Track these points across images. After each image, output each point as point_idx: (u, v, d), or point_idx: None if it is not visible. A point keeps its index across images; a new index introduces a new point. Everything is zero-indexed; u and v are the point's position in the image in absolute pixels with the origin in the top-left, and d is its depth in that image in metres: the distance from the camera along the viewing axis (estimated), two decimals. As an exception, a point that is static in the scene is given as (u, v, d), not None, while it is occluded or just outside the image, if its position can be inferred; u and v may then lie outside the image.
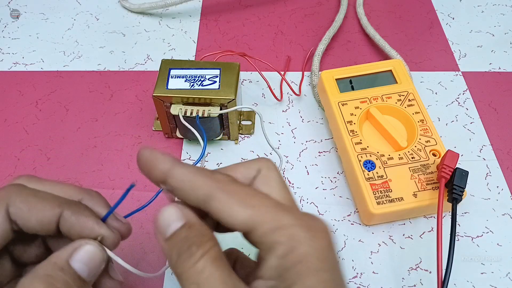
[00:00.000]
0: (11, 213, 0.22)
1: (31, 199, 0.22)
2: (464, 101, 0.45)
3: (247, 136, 0.42)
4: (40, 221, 0.22)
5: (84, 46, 0.50)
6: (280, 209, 0.21)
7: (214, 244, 0.20)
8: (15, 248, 0.24)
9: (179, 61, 0.39)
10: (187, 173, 0.21)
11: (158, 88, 0.37)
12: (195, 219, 0.21)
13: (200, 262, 0.19)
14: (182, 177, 0.21)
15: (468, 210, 0.37)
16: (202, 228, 0.21)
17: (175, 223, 0.21)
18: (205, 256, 0.20)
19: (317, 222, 0.21)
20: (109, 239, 0.23)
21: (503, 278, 0.34)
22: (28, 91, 0.46)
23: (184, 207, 0.21)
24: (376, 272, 0.34)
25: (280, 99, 0.44)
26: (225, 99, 0.36)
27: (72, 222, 0.22)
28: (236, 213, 0.20)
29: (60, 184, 0.25)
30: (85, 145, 0.41)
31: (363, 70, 0.41)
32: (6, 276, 0.24)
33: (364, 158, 0.36)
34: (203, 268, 0.19)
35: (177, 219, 0.21)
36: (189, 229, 0.21)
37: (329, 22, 0.51)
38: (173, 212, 0.21)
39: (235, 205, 0.20)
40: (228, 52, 0.42)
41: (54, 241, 0.25)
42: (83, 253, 0.21)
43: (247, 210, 0.20)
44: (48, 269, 0.20)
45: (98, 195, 0.25)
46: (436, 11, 0.54)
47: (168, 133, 0.41)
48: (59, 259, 0.21)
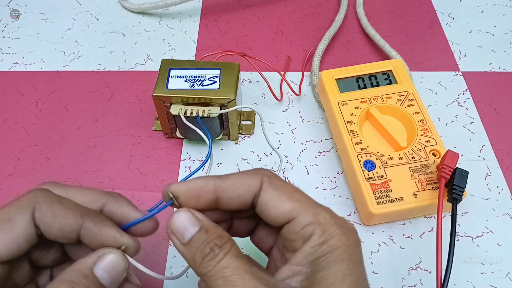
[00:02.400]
0: (36, 218, 0.22)
1: (56, 206, 0.23)
2: (464, 101, 0.45)
3: (247, 136, 0.42)
4: (62, 229, 0.22)
5: (84, 46, 0.50)
6: (317, 206, 0.23)
7: (233, 243, 0.22)
8: (34, 252, 0.24)
9: (179, 61, 0.39)
10: (235, 179, 0.24)
11: (158, 88, 0.36)
12: (209, 222, 0.23)
13: (224, 260, 0.21)
14: (232, 185, 0.23)
15: (468, 210, 0.37)
16: (218, 230, 0.22)
17: (191, 228, 0.22)
18: (228, 254, 0.21)
19: (348, 223, 0.24)
20: (131, 248, 0.24)
21: (503, 278, 0.34)
22: (28, 91, 0.46)
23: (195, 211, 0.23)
24: (376, 272, 0.34)
25: (280, 99, 0.44)
26: (225, 99, 0.36)
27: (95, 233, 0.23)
28: (282, 204, 0.23)
29: (83, 190, 0.25)
30: (85, 145, 0.41)
31: (363, 70, 0.41)
32: (23, 279, 0.24)
33: (364, 158, 0.36)
34: (228, 264, 0.21)
35: (192, 224, 0.22)
36: (206, 233, 0.22)
37: (329, 22, 0.52)
38: (187, 217, 0.22)
39: (282, 197, 0.23)
40: (228, 52, 0.42)
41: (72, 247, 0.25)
42: (106, 261, 0.22)
43: (292, 203, 0.23)
44: (73, 275, 0.21)
45: (121, 196, 0.26)
46: (436, 11, 0.54)
47: (168, 133, 0.41)
48: (84, 266, 0.22)
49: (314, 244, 0.22)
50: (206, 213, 0.23)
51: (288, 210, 0.23)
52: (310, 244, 0.22)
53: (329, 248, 0.22)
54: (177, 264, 0.34)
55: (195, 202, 0.23)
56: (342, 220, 0.23)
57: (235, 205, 0.24)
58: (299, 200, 0.23)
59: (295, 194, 0.23)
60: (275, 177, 0.24)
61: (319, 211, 0.23)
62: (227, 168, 0.40)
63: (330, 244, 0.22)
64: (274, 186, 0.23)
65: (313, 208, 0.23)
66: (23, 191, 0.38)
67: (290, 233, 0.23)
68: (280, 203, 0.23)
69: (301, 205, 0.23)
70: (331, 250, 0.22)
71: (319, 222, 0.22)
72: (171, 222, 0.22)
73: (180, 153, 0.41)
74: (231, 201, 0.23)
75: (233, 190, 0.23)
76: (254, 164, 0.40)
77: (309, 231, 0.22)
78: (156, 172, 0.40)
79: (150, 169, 0.40)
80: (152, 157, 0.41)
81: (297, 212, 0.23)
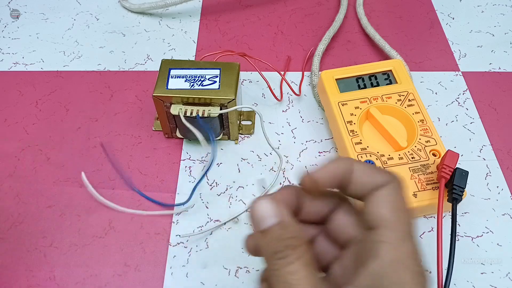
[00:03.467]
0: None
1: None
2: (464, 101, 0.45)
3: (247, 136, 0.42)
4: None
5: (84, 46, 0.50)
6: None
7: (307, 249, 0.21)
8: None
9: (179, 61, 0.39)
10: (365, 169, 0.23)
11: (158, 88, 0.37)
12: (289, 218, 0.22)
13: (293, 265, 0.20)
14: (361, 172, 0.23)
15: (468, 210, 0.37)
16: (296, 229, 0.22)
17: (270, 219, 0.21)
18: (299, 260, 0.21)
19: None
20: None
21: (503, 278, 0.34)
22: (28, 91, 0.46)
23: (279, 203, 0.22)
24: (376, 272, 0.34)
25: (280, 99, 0.44)
26: (225, 99, 0.36)
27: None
28: (376, 175, 0.22)
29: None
30: (85, 145, 0.41)
31: (363, 70, 0.41)
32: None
33: (364, 158, 0.36)
34: (296, 271, 0.20)
35: (272, 215, 0.21)
36: (283, 229, 0.21)
37: (329, 22, 0.52)
38: (269, 207, 0.22)
39: (374, 172, 0.22)
40: (228, 52, 0.42)
41: None
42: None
43: (385, 176, 0.22)
44: None
45: None
46: (436, 11, 0.54)
47: (168, 133, 0.41)
48: None
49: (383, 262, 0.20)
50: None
51: (381, 218, 0.21)
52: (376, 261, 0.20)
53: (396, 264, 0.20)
54: (177, 264, 0.34)
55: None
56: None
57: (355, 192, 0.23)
58: (400, 214, 0.22)
59: (402, 205, 0.22)
60: (400, 185, 0.23)
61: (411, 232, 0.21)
62: (227, 168, 0.40)
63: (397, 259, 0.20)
64: (396, 190, 0.22)
65: (409, 226, 0.21)
66: (23, 191, 0.38)
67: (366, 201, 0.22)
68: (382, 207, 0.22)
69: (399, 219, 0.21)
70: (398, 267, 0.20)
71: (401, 241, 0.21)
72: (252, 206, 0.22)
73: (180, 153, 0.41)
74: (353, 185, 0.23)
75: (358, 176, 0.23)
76: (254, 164, 0.40)
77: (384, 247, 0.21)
78: (156, 172, 0.40)
79: (150, 169, 0.40)
80: (152, 157, 0.41)
81: (388, 224, 0.21)
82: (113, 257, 0.35)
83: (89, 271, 0.34)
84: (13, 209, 0.37)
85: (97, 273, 0.34)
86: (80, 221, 0.37)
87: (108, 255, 0.35)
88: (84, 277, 0.34)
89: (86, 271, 0.34)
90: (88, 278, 0.34)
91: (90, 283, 0.34)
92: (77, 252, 0.35)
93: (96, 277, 0.34)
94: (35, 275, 0.34)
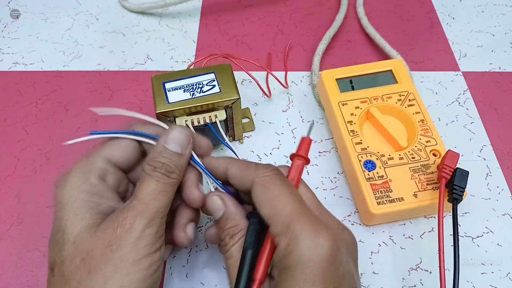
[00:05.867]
0: None
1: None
2: (465, 101, 0.44)
3: (246, 136, 0.42)
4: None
5: (84, 46, 0.50)
6: (299, 215, 0.24)
7: (243, 234, 0.26)
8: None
9: (170, 73, 0.37)
10: (237, 170, 0.27)
11: (159, 105, 0.35)
12: (233, 209, 0.27)
13: (230, 250, 0.26)
14: (234, 174, 0.27)
15: (468, 210, 0.37)
16: (236, 219, 0.27)
17: (218, 212, 0.27)
18: (234, 246, 0.26)
19: (323, 237, 0.23)
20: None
21: (504, 278, 0.33)
22: (28, 91, 0.46)
23: (225, 196, 0.28)
24: (377, 272, 0.34)
25: (269, 96, 0.44)
26: (230, 100, 0.36)
27: None
28: (261, 210, 0.25)
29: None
30: (85, 145, 0.41)
31: (363, 70, 0.41)
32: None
33: (365, 158, 0.36)
34: (231, 255, 0.26)
35: (218, 209, 0.27)
36: (225, 220, 0.27)
37: (329, 22, 0.51)
38: (216, 201, 0.27)
39: (262, 203, 0.25)
40: (212, 55, 0.41)
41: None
42: (172, 136, 0.27)
43: (269, 210, 0.24)
44: (152, 155, 0.27)
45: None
46: (436, 11, 0.53)
47: None
48: (158, 146, 0.27)
49: (278, 256, 0.23)
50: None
51: (266, 217, 0.24)
52: (276, 255, 0.23)
53: (289, 262, 0.22)
54: (177, 264, 0.34)
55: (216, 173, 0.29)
56: (320, 235, 0.23)
57: (240, 188, 0.27)
58: (276, 207, 0.24)
59: (277, 201, 0.24)
60: (273, 180, 0.25)
61: (295, 222, 0.23)
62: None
63: (291, 259, 0.22)
64: (263, 188, 0.25)
65: (289, 217, 0.23)
66: (23, 191, 0.38)
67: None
68: (260, 208, 0.25)
69: (276, 213, 0.24)
70: (292, 265, 0.22)
71: (287, 233, 0.23)
72: (206, 202, 0.28)
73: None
74: (234, 183, 0.27)
75: (233, 179, 0.27)
76: (254, 164, 0.40)
77: (277, 241, 0.23)
78: (156, 172, 0.39)
79: (150, 169, 0.40)
80: (152, 157, 0.40)
81: (271, 221, 0.24)
82: (113, 257, 0.35)
83: (89, 271, 0.34)
84: (13, 209, 0.37)
85: (97, 273, 0.34)
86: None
87: (108, 255, 0.35)
88: (84, 277, 0.34)
89: (86, 271, 0.34)
90: (88, 278, 0.34)
91: (90, 283, 0.34)
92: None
93: (96, 277, 0.34)
94: (35, 275, 0.34)
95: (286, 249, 0.23)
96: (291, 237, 0.23)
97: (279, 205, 0.24)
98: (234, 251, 0.26)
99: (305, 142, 0.29)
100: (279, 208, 0.24)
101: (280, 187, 0.25)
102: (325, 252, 0.22)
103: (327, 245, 0.22)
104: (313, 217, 0.24)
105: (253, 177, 0.25)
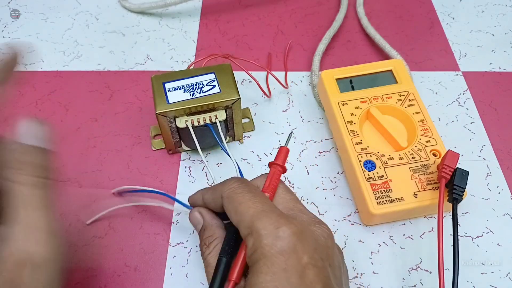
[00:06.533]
0: None
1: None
2: (465, 101, 0.44)
3: (246, 136, 0.42)
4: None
5: (84, 46, 0.50)
6: (262, 215, 0.25)
7: (218, 243, 0.28)
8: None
9: (170, 73, 0.37)
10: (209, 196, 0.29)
11: (159, 105, 0.35)
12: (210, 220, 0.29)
13: (207, 258, 0.28)
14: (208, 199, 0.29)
15: (468, 210, 0.37)
16: (212, 229, 0.29)
17: (198, 225, 0.30)
18: (210, 254, 0.27)
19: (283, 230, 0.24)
20: None
21: (504, 279, 0.33)
22: (28, 91, 0.46)
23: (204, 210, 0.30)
24: (377, 272, 0.34)
25: (269, 96, 0.44)
26: (230, 100, 0.36)
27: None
28: (231, 218, 0.27)
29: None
30: (85, 145, 0.41)
31: (363, 70, 0.41)
32: None
33: (365, 158, 0.36)
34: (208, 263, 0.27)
35: (198, 222, 0.30)
36: (204, 231, 0.29)
37: (329, 21, 0.51)
38: (196, 216, 0.30)
39: (231, 212, 0.26)
40: (213, 55, 0.41)
41: None
42: None
43: (236, 216, 0.26)
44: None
45: None
46: (436, 11, 0.53)
47: (172, 148, 0.40)
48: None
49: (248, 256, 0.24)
50: None
51: (235, 224, 0.26)
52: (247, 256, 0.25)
53: (256, 259, 0.23)
54: (177, 264, 0.34)
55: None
56: (280, 228, 0.24)
57: (217, 210, 0.29)
58: (241, 213, 0.25)
59: (241, 207, 0.26)
60: (235, 190, 0.27)
61: (256, 221, 0.24)
62: (227, 168, 0.40)
63: (256, 256, 0.24)
64: (229, 199, 0.27)
65: (251, 218, 0.25)
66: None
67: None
68: (231, 217, 0.26)
69: (241, 218, 0.25)
70: (257, 260, 0.23)
71: (252, 233, 0.24)
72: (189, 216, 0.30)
73: (180, 153, 0.41)
74: (212, 207, 0.29)
75: (209, 204, 0.29)
76: (254, 164, 0.40)
77: (246, 242, 0.25)
78: (156, 172, 0.40)
79: (150, 169, 0.40)
80: (152, 157, 0.41)
81: (239, 226, 0.25)
82: (113, 257, 0.35)
83: (89, 271, 0.34)
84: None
85: (97, 273, 0.34)
86: (80, 221, 0.36)
87: (108, 255, 0.35)
88: (84, 277, 0.34)
89: (86, 271, 0.34)
90: (88, 278, 0.34)
91: (90, 283, 0.34)
92: (77, 252, 0.35)
93: (96, 277, 0.34)
94: (35, 275, 0.34)
95: (252, 247, 0.24)
96: (255, 236, 0.24)
97: (243, 210, 0.25)
98: (211, 259, 0.27)
99: (282, 151, 0.30)
100: (243, 212, 0.25)
101: (242, 194, 0.26)
102: (285, 244, 0.23)
103: (286, 236, 0.23)
104: (276, 214, 0.25)
105: (221, 194, 0.27)
